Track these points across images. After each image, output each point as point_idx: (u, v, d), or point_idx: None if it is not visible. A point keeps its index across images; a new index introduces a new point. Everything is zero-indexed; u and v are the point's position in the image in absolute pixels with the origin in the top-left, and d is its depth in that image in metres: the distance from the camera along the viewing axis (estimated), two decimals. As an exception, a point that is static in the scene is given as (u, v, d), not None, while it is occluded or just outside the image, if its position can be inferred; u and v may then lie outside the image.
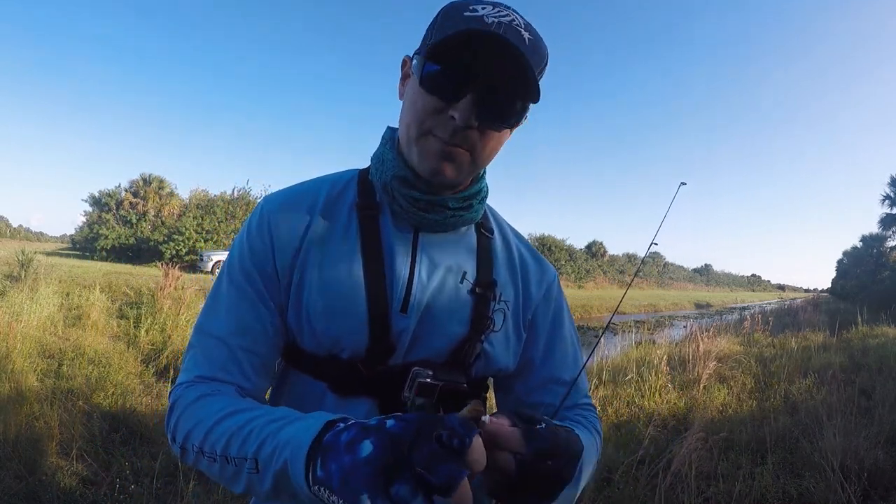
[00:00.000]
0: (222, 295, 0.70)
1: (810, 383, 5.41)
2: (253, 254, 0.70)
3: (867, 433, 3.44)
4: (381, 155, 0.73)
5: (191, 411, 0.61)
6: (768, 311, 16.29)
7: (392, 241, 0.71)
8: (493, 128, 0.64)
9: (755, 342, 8.70)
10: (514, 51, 0.57)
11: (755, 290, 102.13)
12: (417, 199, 0.69)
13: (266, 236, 0.70)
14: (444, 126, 0.62)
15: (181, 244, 19.77)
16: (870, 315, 10.60)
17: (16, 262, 8.15)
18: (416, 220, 0.71)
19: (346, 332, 0.68)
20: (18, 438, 2.81)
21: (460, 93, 0.60)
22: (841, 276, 30.11)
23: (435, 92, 0.61)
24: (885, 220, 24.83)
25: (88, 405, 3.51)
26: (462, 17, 0.60)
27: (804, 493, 2.93)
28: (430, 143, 0.64)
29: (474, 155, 0.65)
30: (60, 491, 2.51)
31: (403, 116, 0.68)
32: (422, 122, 0.63)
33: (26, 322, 4.93)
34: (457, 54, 0.60)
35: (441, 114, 0.62)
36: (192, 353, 0.68)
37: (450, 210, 0.70)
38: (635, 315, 19.85)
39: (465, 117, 0.60)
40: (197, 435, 0.58)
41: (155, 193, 24.08)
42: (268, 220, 0.71)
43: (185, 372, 0.67)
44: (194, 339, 0.70)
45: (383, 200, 0.72)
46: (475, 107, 0.60)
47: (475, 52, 0.59)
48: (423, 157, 0.65)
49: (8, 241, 32.13)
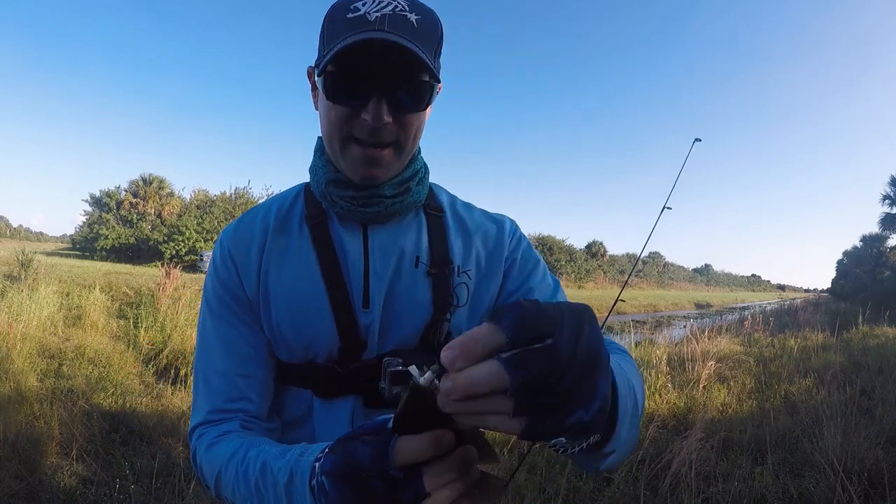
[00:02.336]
0: (208, 330, 0.75)
1: (810, 383, 5.41)
2: (223, 284, 0.74)
3: (867, 433, 3.44)
4: (314, 165, 0.77)
5: (211, 471, 0.65)
6: (768, 311, 16.29)
7: (343, 242, 0.74)
8: (406, 116, 0.67)
9: (755, 342, 8.69)
10: (400, 47, 0.60)
11: (755, 290, 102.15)
12: (354, 197, 0.72)
13: (230, 265, 0.74)
14: (362, 129, 0.65)
15: (181, 244, 19.77)
16: (870, 315, 10.60)
17: (16, 262, 8.16)
18: (360, 216, 0.74)
19: (316, 337, 0.72)
20: (18, 438, 2.81)
21: (365, 96, 0.63)
22: (841, 276, 30.11)
23: (342, 101, 0.65)
24: (885, 220, 24.83)
25: (88, 405, 3.51)
26: (346, 21, 0.62)
27: (804, 493, 2.92)
28: (353, 150, 0.67)
29: (399, 147, 0.69)
30: (60, 491, 2.51)
31: (322, 129, 0.71)
32: (340, 131, 0.67)
33: (26, 322, 4.93)
34: (351, 62, 0.62)
35: (354, 119, 0.65)
36: (196, 392, 0.74)
37: (387, 198, 0.72)
38: (635, 315, 19.86)
39: (377, 117, 0.63)
40: (224, 488, 0.63)
41: (155, 193, 24.10)
42: (227, 249, 0.75)
43: (195, 413, 0.72)
44: (195, 377, 0.75)
45: (327, 207, 0.76)
46: (383, 104, 0.63)
47: (367, 58, 0.61)
48: (351, 166, 0.69)
49: (8, 241, 32.13)
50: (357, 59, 0.62)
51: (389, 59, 0.61)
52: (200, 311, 0.78)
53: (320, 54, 0.66)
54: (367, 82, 0.63)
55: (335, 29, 0.63)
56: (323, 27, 0.66)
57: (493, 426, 0.33)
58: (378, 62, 0.62)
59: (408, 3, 0.63)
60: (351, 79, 0.63)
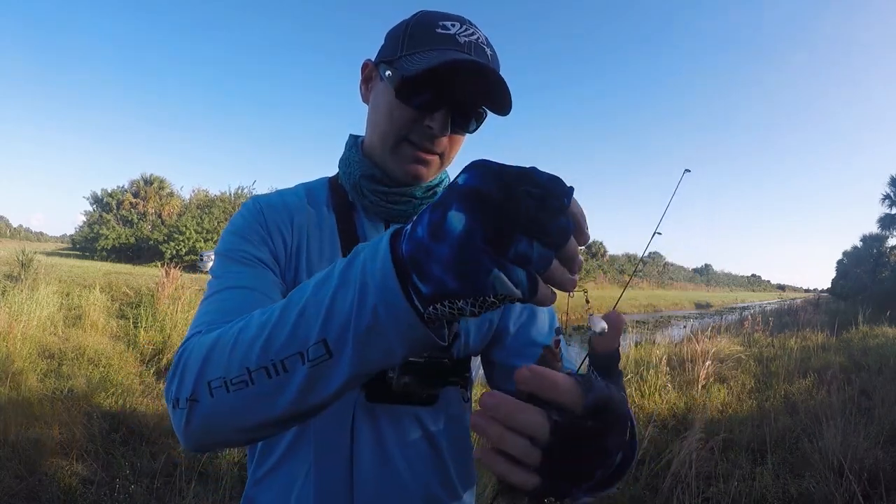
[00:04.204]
0: (227, 272, 0.65)
1: (810, 383, 5.41)
2: (250, 235, 0.70)
3: (867, 433, 3.44)
4: (347, 158, 0.79)
5: (203, 342, 0.48)
6: (768, 311, 16.29)
7: (366, 235, 0.76)
8: (460, 135, 0.73)
9: (755, 342, 8.68)
10: (489, 73, 0.64)
11: (755, 290, 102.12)
12: (386, 193, 0.74)
13: (262, 222, 0.72)
14: (421, 134, 0.69)
15: (182, 244, 19.77)
16: (870, 315, 10.59)
17: (16, 262, 8.16)
18: (386, 213, 0.76)
19: None
20: (18, 438, 2.81)
21: (437, 106, 0.67)
22: (841, 276, 30.09)
23: (413, 104, 0.67)
24: (885, 220, 24.82)
25: (88, 405, 3.51)
26: (436, 35, 0.65)
27: (804, 493, 2.92)
28: (406, 150, 0.70)
29: (443, 158, 0.73)
30: (60, 491, 2.51)
31: (377, 123, 0.72)
32: (399, 131, 0.69)
33: (26, 322, 4.92)
34: (440, 74, 0.64)
35: (417, 123, 0.68)
36: (199, 310, 0.61)
37: (416, 199, 0.76)
38: (635, 315, 19.85)
39: (442, 128, 0.67)
40: (217, 360, 0.45)
41: (155, 193, 24.10)
42: (261, 209, 0.73)
43: (193, 326, 0.57)
44: (201, 307, 0.62)
45: (355, 199, 0.77)
46: (449, 118, 0.67)
47: (453, 73, 0.64)
48: (401, 162, 0.71)
49: (8, 241, 32.11)
50: (445, 74, 0.64)
51: (477, 79, 0.65)
52: (213, 270, 0.68)
53: (396, 52, 0.67)
54: (443, 94, 0.66)
55: (423, 38, 0.66)
56: (406, 29, 0.68)
57: (504, 469, 0.33)
58: (462, 80, 0.65)
59: (485, 38, 0.68)
60: (434, 89, 0.66)
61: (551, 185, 0.34)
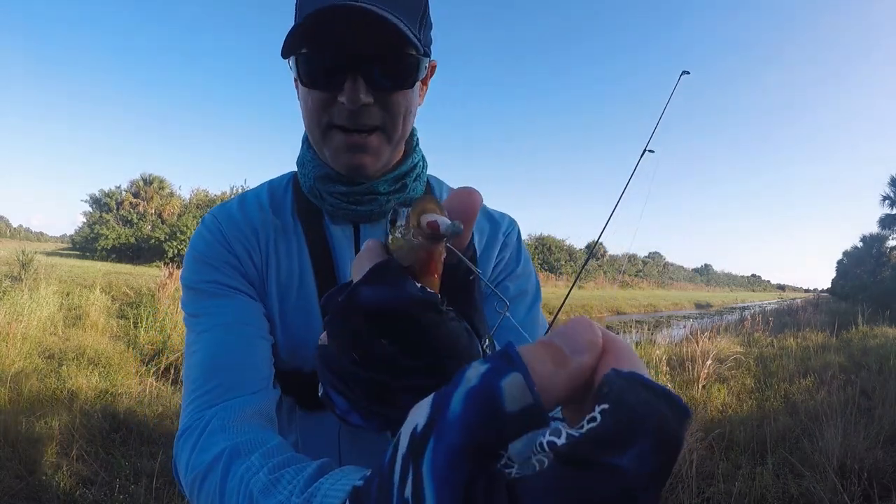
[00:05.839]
0: (204, 310, 0.63)
1: (810, 383, 5.40)
2: (216, 262, 0.65)
3: (867, 433, 3.43)
4: (302, 158, 0.70)
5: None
6: (768, 311, 16.27)
7: (335, 242, 0.69)
8: (390, 96, 0.59)
9: (755, 342, 8.68)
10: (370, 14, 0.52)
11: (755, 290, 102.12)
12: (345, 193, 0.66)
13: (226, 244, 0.66)
14: (341, 114, 0.59)
15: (184, 243, 19.79)
16: (870, 315, 10.59)
17: (16, 262, 8.15)
18: (351, 215, 0.67)
19: (304, 343, 0.66)
20: (18, 438, 2.81)
21: (340, 76, 0.57)
22: (841, 276, 30.09)
23: (316, 85, 0.58)
24: (885, 220, 24.83)
25: (88, 405, 3.51)
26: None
27: (804, 493, 2.92)
28: (335, 138, 0.61)
29: (387, 130, 0.61)
30: (60, 491, 2.51)
31: (304, 120, 0.65)
32: (319, 119, 0.61)
33: (26, 322, 4.92)
34: (319, 39, 0.55)
35: (332, 104, 0.59)
36: (187, 371, 0.60)
37: (382, 195, 0.66)
38: (635, 315, 19.85)
39: (354, 99, 0.56)
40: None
41: (155, 193, 24.10)
42: (221, 230, 0.67)
43: (187, 404, 0.57)
44: (188, 364, 0.60)
45: (316, 203, 0.70)
46: (359, 84, 0.56)
47: (334, 31, 0.54)
48: (335, 156, 0.63)
49: (8, 241, 32.10)
50: (327, 35, 0.55)
51: (364, 31, 0.54)
52: (186, 318, 0.65)
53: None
54: (339, 60, 0.56)
55: (305, 5, 0.56)
56: (295, 12, 0.60)
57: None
58: (350, 36, 0.54)
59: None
60: (323, 57, 0.56)
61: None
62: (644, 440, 0.18)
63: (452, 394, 0.20)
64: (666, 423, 0.19)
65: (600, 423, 0.19)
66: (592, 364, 0.22)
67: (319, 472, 0.41)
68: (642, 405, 0.19)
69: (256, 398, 0.57)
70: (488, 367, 0.21)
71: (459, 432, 0.19)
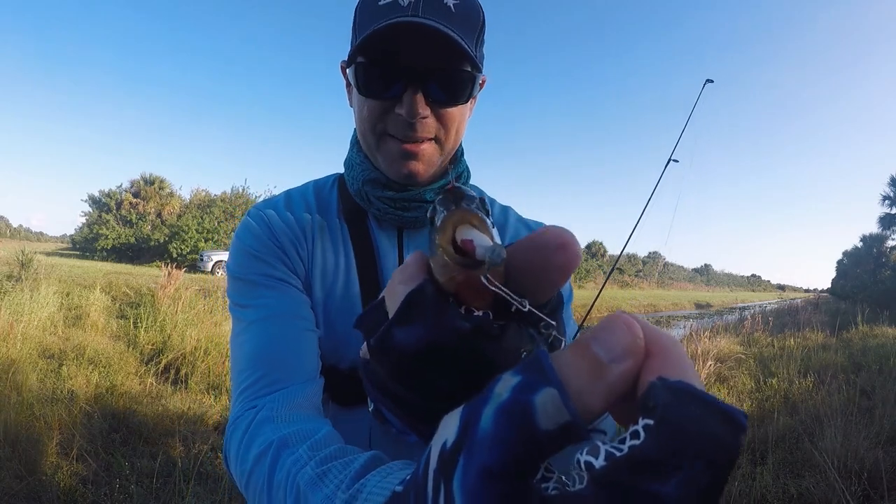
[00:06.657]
0: (252, 300, 0.63)
1: (810, 383, 5.40)
2: (265, 254, 0.66)
3: (867, 433, 3.44)
4: (350, 160, 0.72)
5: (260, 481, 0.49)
6: (768, 311, 16.28)
7: (380, 246, 0.70)
8: (445, 110, 0.61)
9: (755, 342, 8.69)
10: (435, 32, 0.54)
11: (755, 290, 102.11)
12: (393, 199, 0.67)
13: (274, 238, 0.67)
14: (397, 124, 0.61)
15: (185, 243, 19.80)
16: (870, 315, 10.59)
17: (16, 262, 8.15)
18: (397, 220, 0.69)
19: (345, 341, 0.67)
20: (18, 438, 2.81)
21: (399, 88, 0.59)
22: (841, 276, 30.11)
23: (375, 95, 0.60)
24: (885, 220, 24.83)
25: (88, 405, 3.51)
26: (377, 9, 0.57)
27: (804, 493, 2.92)
28: (390, 145, 0.63)
29: (440, 142, 0.64)
30: (60, 491, 2.51)
31: (357, 126, 0.67)
32: (374, 127, 0.63)
33: (27, 322, 4.93)
34: (382, 51, 0.57)
35: (389, 113, 0.61)
36: (236, 355, 0.61)
37: (429, 203, 0.67)
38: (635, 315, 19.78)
39: (411, 111, 0.58)
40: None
41: (156, 193, 24.11)
42: (269, 225, 0.68)
43: (239, 393, 0.58)
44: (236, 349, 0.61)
45: (363, 206, 0.71)
46: (419, 97, 0.58)
47: (399, 45, 0.56)
48: (389, 163, 0.64)
49: (8, 241, 32.11)
50: (389, 48, 0.57)
51: (425, 46, 0.56)
52: (231, 307, 0.66)
53: (352, 46, 0.62)
54: (400, 73, 0.58)
55: (366, 17, 0.58)
56: (355, 20, 0.62)
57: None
58: (412, 50, 0.57)
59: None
60: (383, 70, 0.58)
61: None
62: (692, 464, 0.16)
63: (482, 409, 0.19)
64: (719, 445, 0.17)
65: (643, 442, 0.17)
66: (634, 371, 0.20)
67: (367, 466, 0.41)
68: (692, 423, 0.17)
69: (305, 388, 0.58)
70: (520, 380, 0.19)
71: (490, 451, 0.18)
